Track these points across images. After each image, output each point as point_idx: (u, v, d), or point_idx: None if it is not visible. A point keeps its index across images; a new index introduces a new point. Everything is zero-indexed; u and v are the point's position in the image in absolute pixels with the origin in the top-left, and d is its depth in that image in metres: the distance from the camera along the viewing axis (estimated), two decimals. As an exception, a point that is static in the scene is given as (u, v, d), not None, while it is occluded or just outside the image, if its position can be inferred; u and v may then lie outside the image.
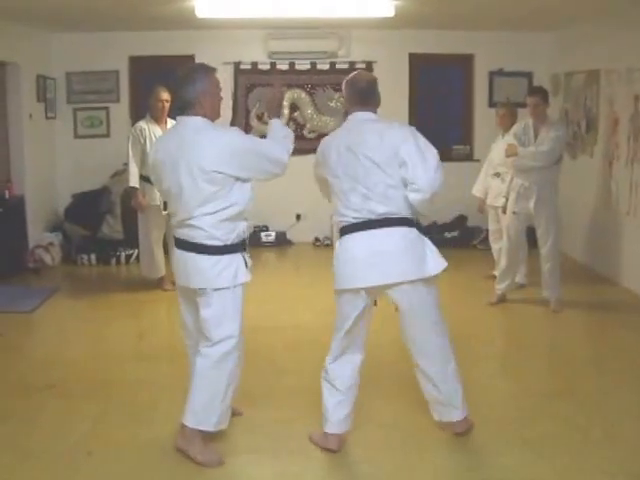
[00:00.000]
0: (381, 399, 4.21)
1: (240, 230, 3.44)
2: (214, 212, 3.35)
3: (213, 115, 3.46)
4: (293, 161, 3.61)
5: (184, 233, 3.45)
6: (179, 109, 3.45)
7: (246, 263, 3.47)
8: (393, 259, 3.39)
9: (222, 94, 3.55)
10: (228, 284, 3.41)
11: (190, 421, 3.47)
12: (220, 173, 3.30)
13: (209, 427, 3.49)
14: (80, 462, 3.45)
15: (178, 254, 3.51)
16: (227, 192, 3.34)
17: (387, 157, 3.36)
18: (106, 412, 4.05)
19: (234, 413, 3.81)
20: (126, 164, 6.58)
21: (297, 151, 8.83)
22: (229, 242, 3.39)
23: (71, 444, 3.63)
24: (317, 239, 8.84)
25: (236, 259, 3.43)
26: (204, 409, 3.48)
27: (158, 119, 6.41)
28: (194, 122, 3.39)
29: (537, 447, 3.59)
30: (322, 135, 9.68)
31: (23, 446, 3.61)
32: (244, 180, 3.40)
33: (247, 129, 8.73)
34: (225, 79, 8.48)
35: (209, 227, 3.36)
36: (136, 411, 4.05)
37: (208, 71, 3.46)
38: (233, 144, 3.37)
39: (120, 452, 3.56)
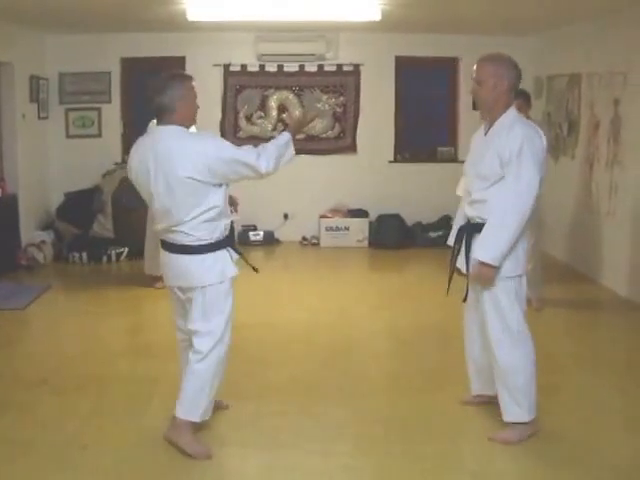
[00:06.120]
0: (372, 392, 4.34)
1: (222, 228, 3.53)
2: (193, 218, 3.45)
3: (188, 121, 3.54)
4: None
5: (168, 237, 3.57)
6: (156, 116, 3.54)
7: (231, 257, 3.58)
8: None
9: (197, 102, 3.56)
10: (215, 280, 3.52)
11: (180, 412, 3.59)
12: (195, 180, 3.39)
13: (195, 418, 3.61)
14: (75, 456, 3.53)
15: (166, 256, 3.62)
16: (204, 198, 3.43)
17: None
18: (99, 406, 4.13)
19: (219, 407, 3.94)
20: (117, 164, 6.67)
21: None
22: (213, 240, 3.49)
23: (66, 438, 3.70)
24: (304, 238, 8.94)
25: (221, 255, 3.54)
26: (192, 401, 3.60)
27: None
28: (168, 132, 3.46)
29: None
30: (310, 136, 9.81)
31: (18, 441, 3.68)
32: (219, 185, 3.48)
33: (236, 130, 8.86)
34: (215, 80, 8.62)
35: (190, 230, 3.47)
36: (129, 405, 4.13)
37: (184, 79, 3.54)
38: (207, 153, 3.41)
39: (114, 445, 3.63)
